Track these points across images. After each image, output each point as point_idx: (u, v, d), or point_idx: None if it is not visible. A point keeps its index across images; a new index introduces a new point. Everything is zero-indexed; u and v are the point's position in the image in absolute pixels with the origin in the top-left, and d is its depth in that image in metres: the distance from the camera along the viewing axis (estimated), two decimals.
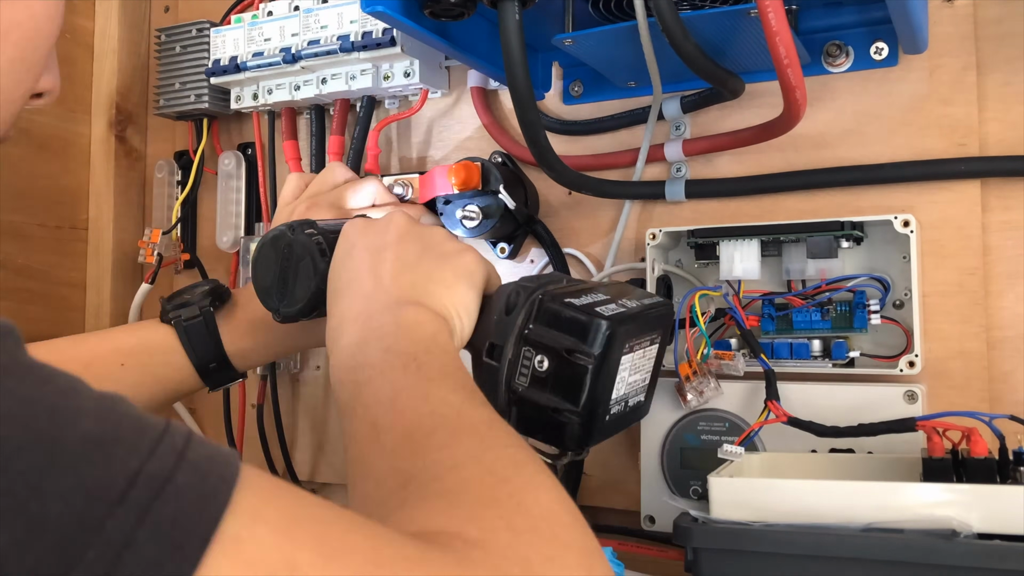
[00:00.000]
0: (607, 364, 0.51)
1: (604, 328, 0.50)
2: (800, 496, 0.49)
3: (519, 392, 0.52)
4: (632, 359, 0.54)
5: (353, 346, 0.50)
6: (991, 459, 0.50)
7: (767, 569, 0.48)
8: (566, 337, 0.50)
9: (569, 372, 0.51)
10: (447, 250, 0.57)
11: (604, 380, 0.51)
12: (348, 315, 0.53)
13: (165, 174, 1.02)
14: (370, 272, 0.54)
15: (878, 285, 0.66)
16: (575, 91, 0.81)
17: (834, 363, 0.66)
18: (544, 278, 0.57)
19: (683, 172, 0.76)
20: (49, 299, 1.00)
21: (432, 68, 0.83)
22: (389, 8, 0.63)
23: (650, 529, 0.70)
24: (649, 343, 0.56)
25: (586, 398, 0.51)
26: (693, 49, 0.58)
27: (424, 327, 0.50)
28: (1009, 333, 0.66)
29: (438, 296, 0.54)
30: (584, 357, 0.50)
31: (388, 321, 0.50)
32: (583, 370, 0.50)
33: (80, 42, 1.04)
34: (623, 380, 0.53)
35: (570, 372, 0.51)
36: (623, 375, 0.53)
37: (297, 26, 0.84)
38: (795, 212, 0.72)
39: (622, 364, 0.52)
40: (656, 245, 0.71)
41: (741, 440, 0.59)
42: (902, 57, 0.69)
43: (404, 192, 0.83)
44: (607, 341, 0.50)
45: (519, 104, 0.59)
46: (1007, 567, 0.44)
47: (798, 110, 0.60)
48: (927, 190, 0.68)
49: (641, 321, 0.54)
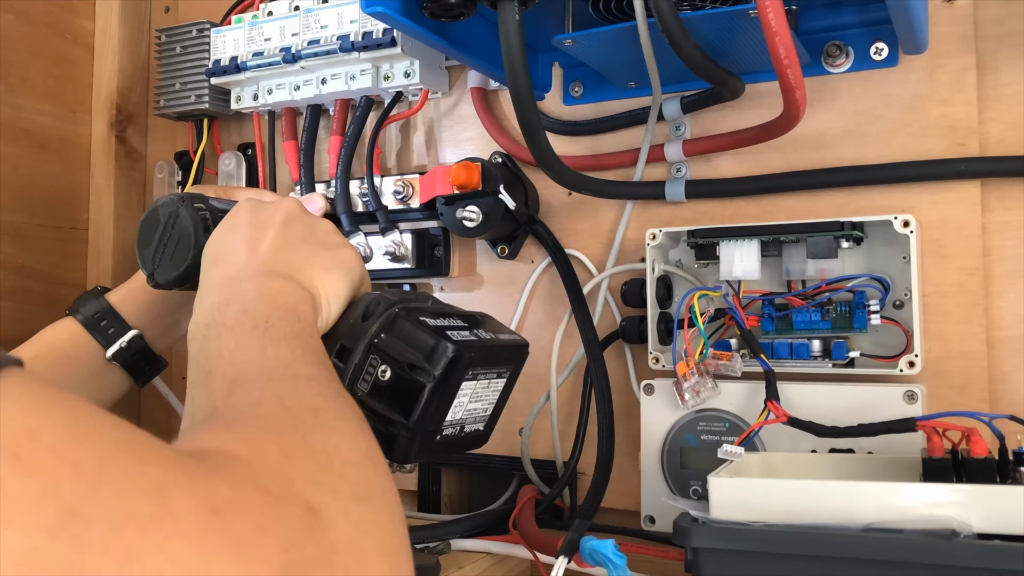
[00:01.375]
0: (446, 386, 0.52)
1: (449, 351, 0.51)
2: (800, 496, 0.49)
3: (359, 396, 0.53)
4: (474, 387, 0.55)
5: (214, 305, 0.50)
6: (991, 459, 0.50)
7: (767, 569, 0.48)
8: (412, 352, 0.52)
9: (408, 386, 0.52)
10: (331, 241, 0.58)
11: (440, 401, 0.52)
12: (217, 280, 0.53)
13: (165, 174, 1.02)
14: (248, 245, 0.55)
15: (878, 285, 0.66)
16: (575, 91, 0.81)
17: (834, 363, 0.66)
18: (410, 296, 0.58)
19: (683, 172, 0.76)
20: (49, 299, 1.00)
21: (432, 68, 0.83)
22: (389, 8, 0.63)
23: (650, 529, 0.70)
24: (496, 376, 0.57)
25: (418, 414, 0.51)
26: (693, 49, 0.58)
27: (287, 296, 0.51)
28: (1009, 333, 0.66)
29: (310, 275, 0.54)
30: (424, 374, 0.51)
31: (253, 287, 0.51)
32: (421, 386, 0.51)
33: (80, 42, 1.04)
34: (461, 405, 0.54)
35: (408, 387, 0.52)
36: (462, 400, 0.54)
37: (297, 26, 0.84)
38: (795, 212, 0.72)
39: (462, 389, 0.53)
40: (656, 245, 0.71)
41: (741, 440, 0.59)
42: (902, 57, 0.69)
43: (404, 192, 0.84)
44: (449, 364, 0.51)
45: (519, 104, 0.59)
46: (1007, 567, 0.44)
47: (798, 110, 0.60)
48: (927, 190, 0.68)
49: (490, 353, 0.55)
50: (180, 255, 0.61)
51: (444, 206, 0.79)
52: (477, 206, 0.77)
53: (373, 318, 0.54)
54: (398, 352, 0.52)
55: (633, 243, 0.78)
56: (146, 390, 1.02)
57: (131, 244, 1.02)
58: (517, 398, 0.83)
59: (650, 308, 0.71)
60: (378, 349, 0.52)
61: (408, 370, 0.51)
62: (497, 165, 0.79)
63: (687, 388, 0.67)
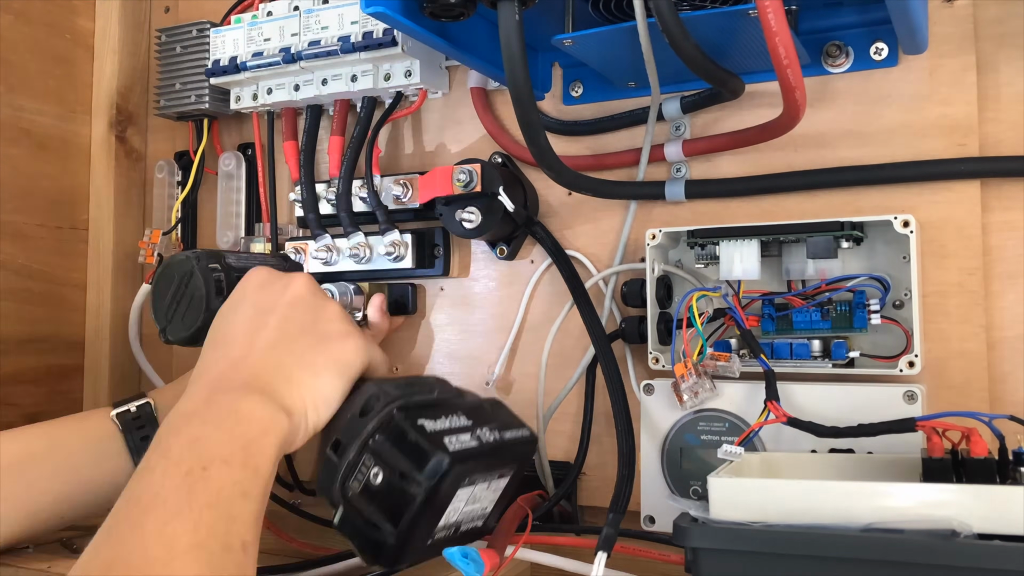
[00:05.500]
0: (438, 497, 0.50)
1: (444, 464, 0.49)
2: (800, 496, 0.49)
3: (349, 496, 0.52)
4: (472, 491, 0.53)
5: (191, 410, 0.52)
6: (991, 459, 0.50)
7: (767, 569, 0.48)
8: (405, 460, 0.50)
9: (398, 494, 0.50)
10: (332, 331, 0.58)
11: (432, 511, 0.50)
12: (209, 373, 0.55)
13: (165, 174, 1.02)
14: (247, 335, 0.56)
15: (878, 285, 0.66)
16: (575, 91, 0.81)
17: (834, 363, 0.66)
18: (416, 385, 0.56)
19: (683, 172, 0.76)
20: (49, 299, 1.00)
21: (433, 68, 0.83)
22: (389, 8, 0.63)
23: (650, 529, 0.70)
24: (498, 476, 0.55)
25: (407, 523, 0.50)
26: (693, 49, 0.58)
27: (252, 426, 0.51)
28: (1009, 333, 0.66)
29: (298, 383, 0.55)
30: (415, 486, 0.49)
31: (225, 405, 0.52)
32: (411, 497, 0.49)
33: (80, 42, 1.04)
34: (456, 510, 0.52)
35: (399, 495, 0.50)
36: (457, 505, 0.52)
37: (297, 26, 0.84)
38: (795, 212, 0.72)
39: (457, 496, 0.51)
40: (656, 245, 0.71)
41: (741, 440, 0.59)
42: (902, 57, 0.69)
43: (404, 192, 0.84)
44: (442, 476, 0.49)
45: (519, 104, 0.59)
46: (1007, 567, 0.44)
47: (798, 110, 0.60)
48: (927, 190, 0.68)
49: (491, 457, 0.53)
50: (191, 316, 0.61)
51: (443, 207, 0.79)
52: (476, 207, 0.77)
53: (371, 415, 0.52)
54: (391, 457, 0.50)
55: (633, 243, 0.78)
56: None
57: (131, 244, 1.03)
58: (519, 398, 0.83)
59: (650, 308, 0.71)
60: (372, 450, 0.51)
61: (399, 478, 0.50)
62: (497, 166, 0.79)
63: (685, 389, 0.67)
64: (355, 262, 0.85)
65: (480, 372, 0.84)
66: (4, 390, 0.94)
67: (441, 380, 0.59)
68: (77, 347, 1.03)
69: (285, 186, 0.94)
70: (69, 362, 1.02)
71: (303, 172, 0.87)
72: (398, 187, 0.84)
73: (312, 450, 0.93)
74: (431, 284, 0.88)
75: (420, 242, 0.84)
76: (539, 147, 0.62)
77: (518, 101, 0.59)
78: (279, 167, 0.93)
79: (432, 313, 0.87)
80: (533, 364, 0.82)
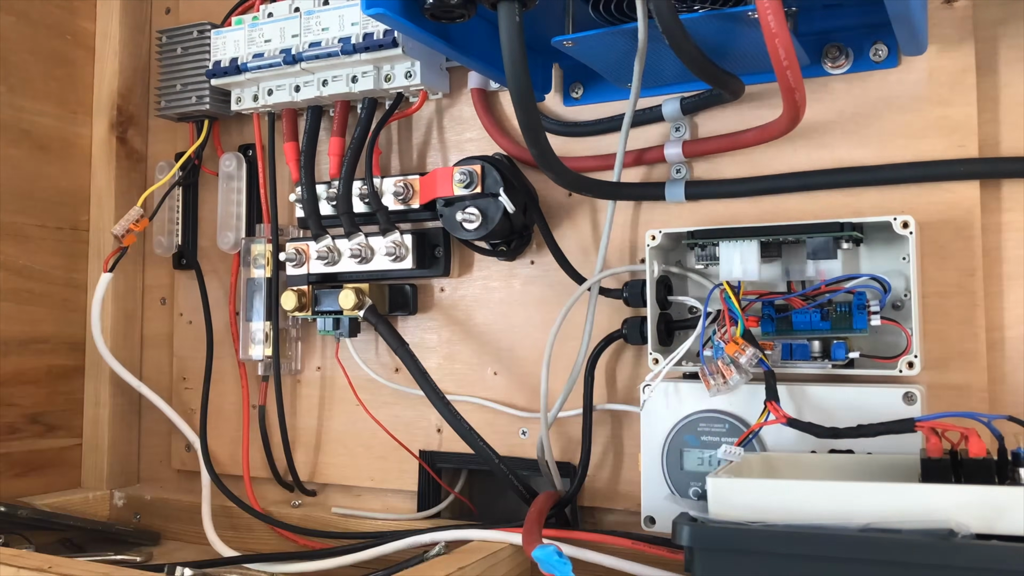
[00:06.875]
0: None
1: None
2: (799, 496, 0.49)
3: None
4: None
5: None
6: (989, 460, 0.50)
7: (766, 569, 0.48)
8: None
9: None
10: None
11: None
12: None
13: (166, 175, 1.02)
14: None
15: (878, 286, 0.66)
16: (575, 93, 0.81)
17: (834, 364, 0.66)
18: None
19: (683, 173, 0.76)
20: (50, 300, 1.00)
21: (433, 69, 0.84)
22: (389, 10, 0.63)
23: (650, 530, 0.70)
24: None
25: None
26: (693, 51, 0.58)
27: None
28: (1009, 333, 0.66)
29: None
30: None
31: None
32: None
33: (81, 44, 1.04)
34: None
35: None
36: None
37: (297, 27, 0.84)
38: (795, 213, 0.72)
39: None
40: (656, 246, 0.71)
41: (741, 441, 0.59)
42: (902, 59, 0.69)
43: (404, 193, 0.84)
44: None
45: (519, 106, 0.59)
46: (1005, 567, 0.44)
47: (798, 111, 0.60)
48: (926, 191, 0.68)
49: None
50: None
51: (444, 207, 0.79)
52: (477, 208, 0.77)
53: None
54: None
55: (633, 244, 0.79)
56: (145, 403, 1.02)
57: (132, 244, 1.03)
58: (518, 399, 0.83)
59: (650, 309, 0.71)
60: None
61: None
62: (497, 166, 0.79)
63: (744, 362, 0.63)
64: (356, 263, 0.85)
65: (480, 372, 0.84)
66: (4, 390, 0.94)
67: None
68: (78, 347, 1.03)
69: (286, 187, 0.94)
70: (69, 362, 1.02)
71: (304, 173, 0.87)
72: (399, 188, 0.84)
73: (312, 450, 0.93)
74: (431, 284, 0.88)
75: (420, 243, 0.84)
76: (539, 148, 0.62)
77: (518, 102, 0.59)
78: (280, 168, 0.93)
79: (432, 313, 0.88)
80: (534, 364, 0.82)
